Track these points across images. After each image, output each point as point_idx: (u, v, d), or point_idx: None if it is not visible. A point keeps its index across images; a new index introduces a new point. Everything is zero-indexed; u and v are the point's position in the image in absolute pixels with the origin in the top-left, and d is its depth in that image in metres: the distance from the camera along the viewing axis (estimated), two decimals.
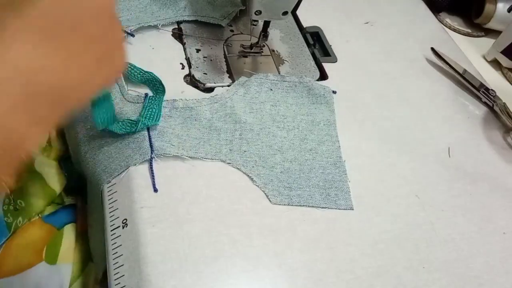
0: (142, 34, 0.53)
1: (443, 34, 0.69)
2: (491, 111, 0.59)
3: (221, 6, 0.58)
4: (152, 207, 0.40)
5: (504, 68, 0.68)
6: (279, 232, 0.41)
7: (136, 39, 0.52)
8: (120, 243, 0.39)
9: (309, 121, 0.50)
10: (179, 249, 0.38)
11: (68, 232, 0.46)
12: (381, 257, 0.42)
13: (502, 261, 0.44)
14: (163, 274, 0.36)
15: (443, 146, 0.53)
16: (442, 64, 0.61)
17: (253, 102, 0.49)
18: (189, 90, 0.50)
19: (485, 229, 0.46)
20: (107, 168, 0.42)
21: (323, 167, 0.46)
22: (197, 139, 0.45)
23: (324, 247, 0.41)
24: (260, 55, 0.56)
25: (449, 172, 0.50)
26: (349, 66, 0.58)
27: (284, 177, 0.45)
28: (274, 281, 0.38)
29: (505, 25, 0.69)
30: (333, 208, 0.44)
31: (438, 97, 0.58)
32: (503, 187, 0.50)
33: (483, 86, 0.59)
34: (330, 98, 0.52)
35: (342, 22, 0.65)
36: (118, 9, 0.53)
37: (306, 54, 0.58)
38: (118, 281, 0.37)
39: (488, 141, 0.55)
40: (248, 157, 0.45)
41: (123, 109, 0.45)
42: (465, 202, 0.48)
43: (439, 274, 0.42)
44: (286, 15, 0.49)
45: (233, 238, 0.40)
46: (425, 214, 0.46)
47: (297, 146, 0.47)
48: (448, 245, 0.44)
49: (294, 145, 0.47)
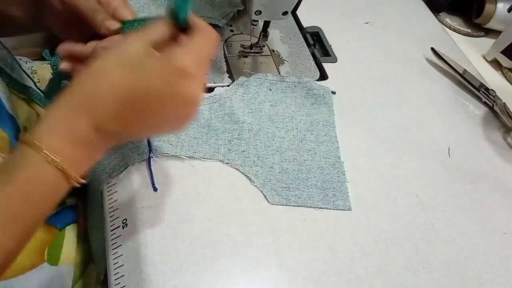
0: None
1: (443, 34, 0.69)
2: (491, 111, 0.59)
3: (219, 6, 0.58)
4: (152, 207, 0.40)
5: (504, 68, 0.68)
6: (279, 232, 0.41)
7: None
8: (120, 243, 0.39)
9: (308, 122, 0.50)
10: (179, 249, 0.38)
11: (69, 233, 0.46)
12: (381, 257, 0.42)
13: (502, 261, 0.44)
14: (163, 274, 0.36)
15: (443, 146, 0.53)
16: (442, 64, 0.61)
17: (252, 102, 0.49)
18: None
19: (485, 229, 0.46)
20: (106, 168, 0.42)
21: (321, 168, 0.46)
22: (195, 138, 0.45)
23: (324, 247, 0.41)
24: (260, 55, 0.56)
25: (449, 172, 0.50)
26: (349, 66, 0.58)
27: (283, 177, 0.45)
28: (274, 281, 0.38)
29: (505, 25, 0.69)
30: (331, 208, 0.44)
31: (438, 97, 0.58)
32: (503, 187, 0.50)
33: (483, 86, 0.59)
34: (329, 98, 0.52)
35: (342, 22, 0.65)
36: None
37: (306, 54, 0.58)
38: (118, 281, 0.37)
39: (488, 141, 0.55)
40: (246, 157, 0.45)
41: None
42: (465, 202, 0.48)
43: (439, 274, 0.42)
44: (286, 15, 0.49)
45: (233, 238, 0.40)
46: (425, 214, 0.46)
47: (295, 146, 0.47)
48: (448, 245, 0.44)
49: (293, 146, 0.47)
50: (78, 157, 0.28)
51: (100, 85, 0.28)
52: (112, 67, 0.28)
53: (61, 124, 0.27)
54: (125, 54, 0.28)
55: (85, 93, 0.28)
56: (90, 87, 0.28)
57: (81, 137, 0.28)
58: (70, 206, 0.49)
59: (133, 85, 0.28)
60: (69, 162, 0.27)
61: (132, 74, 0.28)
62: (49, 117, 0.28)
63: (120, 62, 0.28)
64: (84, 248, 0.47)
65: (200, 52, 0.30)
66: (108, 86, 0.28)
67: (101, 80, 0.28)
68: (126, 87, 0.28)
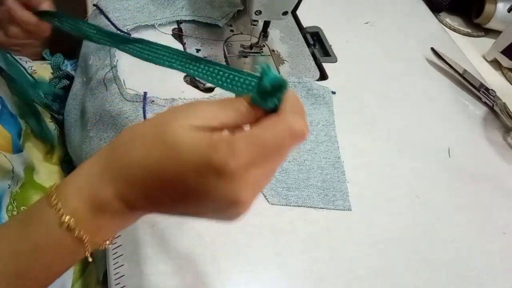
0: (141, 34, 0.53)
1: (443, 34, 0.69)
2: (491, 111, 0.59)
3: (219, 6, 0.58)
4: None
5: (504, 68, 0.68)
6: (279, 232, 0.41)
7: None
8: (120, 243, 0.39)
9: (308, 122, 0.50)
10: (179, 249, 0.38)
11: None
12: (381, 257, 0.42)
13: (502, 261, 0.44)
14: (163, 274, 0.36)
15: (443, 146, 0.53)
16: (442, 64, 0.61)
17: None
18: (189, 90, 0.49)
19: (485, 229, 0.46)
20: None
21: (321, 168, 0.46)
22: None
23: (324, 247, 0.41)
24: (260, 55, 0.56)
25: (449, 172, 0.50)
26: (349, 66, 0.58)
27: (283, 177, 0.45)
28: (274, 281, 0.38)
29: (505, 25, 0.69)
30: (331, 208, 0.44)
31: (438, 97, 0.58)
32: (503, 187, 0.50)
33: (483, 86, 0.59)
34: (329, 98, 0.52)
35: (342, 22, 0.65)
36: (114, 9, 0.53)
37: (306, 54, 0.58)
38: (118, 281, 0.37)
39: (488, 141, 0.55)
40: None
41: (122, 108, 0.45)
42: (465, 202, 0.48)
43: (439, 274, 0.42)
44: (286, 15, 0.49)
45: (233, 238, 0.40)
46: (425, 214, 0.46)
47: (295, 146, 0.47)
48: (448, 245, 0.44)
49: None
50: (100, 224, 0.26)
51: (131, 154, 0.25)
52: (149, 139, 0.24)
53: (85, 188, 0.25)
54: (164, 129, 0.24)
55: (112, 159, 0.25)
56: (120, 154, 0.25)
57: (105, 205, 0.25)
58: None
59: (166, 164, 0.24)
60: (87, 227, 0.25)
61: (166, 153, 0.24)
62: (75, 179, 0.26)
63: (157, 136, 0.24)
64: None
65: (264, 148, 0.23)
66: (139, 158, 0.24)
67: (134, 150, 0.25)
68: (159, 164, 0.24)
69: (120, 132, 0.26)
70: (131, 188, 0.25)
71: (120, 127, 0.44)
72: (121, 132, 0.26)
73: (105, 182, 0.25)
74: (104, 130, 0.44)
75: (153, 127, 0.25)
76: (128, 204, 0.25)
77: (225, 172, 0.23)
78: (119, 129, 0.44)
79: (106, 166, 0.25)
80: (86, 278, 0.46)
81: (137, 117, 0.44)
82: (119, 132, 0.43)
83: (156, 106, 0.46)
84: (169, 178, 0.24)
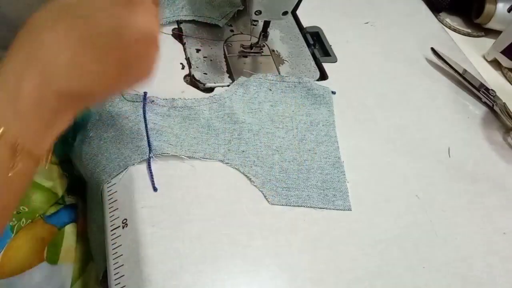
0: None
1: (443, 34, 0.69)
2: (491, 111, 0.59)
3: (219, 6, 0.58)
4: (152, 207, 0.40)
5: (504, 68, 0.68)
6: (279, 232, 0.41)
7: None
8: (120, 243, 0.39)
9: (308, 122, 0.50)
10: (179, 249, 0.38)
11: (68, 232, 0.46)
12: (381, 257, 0.42)
13: (502, 261, 0.44)
14: (163, 274, 0.36)
15: (443, 146, 0.53)
16: (442, 64, 0.61)
17: (252, 102, 0.49)
18: (189, 90, 0.50)
19: (485, 229, 0.46)
20: (106, 168, 0.42)
21: (321, 168, 0.46)
22: (195, 138, 0.45)
23: (324, 247, 0.41)
24: (260, 55, 0.56)
25: (449, 172, 0.50)
26: (349, 66, 0.58)
27: (282, 177, 0.45)
28: (274, 281, 0.38)
29: (505, 25, 0.69)
30: (331, 208, 0.44)
31: (438, 97, 0.58)
32: (503, 187, 0.50)
33: (483, 86, 0.59)
34: (330, 98, 0.52)
35: (342, 22, 0.65)
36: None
37: (306, 54, 0.58)
38: (118, 281, 0.37)
39: (488, 141, 0.55)
40: (246, 157, 0.45)
41: (122, 108, 0.45)
42: (465, 202, 0.48)
43: (439, 274, 0.42)
44: (286, 15, 0.49)
45: (233, 238, 0.40)
46: (425, 214, 0.46)
47: (295, 146, 0.47)
48: (448, 245, 0.44)
49: (293, 145, 0.47)
50: (30, 125, 0.24)
51: (44, 39, 0.24)
52: (53, 16, 0.25)
53: (2, 90, 0.24)
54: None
55: (27, 51, 0.24)
56: (31, 44, 0.24)
57: (29, 101, 0.24)
58: (70, 205, 0.49)
59: (80, 29, 0.24)
60: (18, 131, 0.23)
61: (76, 19, 0.25)
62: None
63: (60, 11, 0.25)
64: (83, 247, 0.47)
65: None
66: (52, 39, 0.24)
67: (44, 34, 0.24)
68: (73, 33, 0.24)
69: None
70: (54, 70, 0.24)
71: (120, 127, 0.44)
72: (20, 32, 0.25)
73: (24, 77, 0.24)
74: (104, 130, 0.44)
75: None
76: (57, 92, 0.24)
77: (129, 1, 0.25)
78: (119, 129, 0.44)
79: (20, 63, 0.24)
80: (85, 277, 0.46)
81: (137, 117, 0.44)
82: (119, 132, 0.43)
83: (156, 106, 0.46)
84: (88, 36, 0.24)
